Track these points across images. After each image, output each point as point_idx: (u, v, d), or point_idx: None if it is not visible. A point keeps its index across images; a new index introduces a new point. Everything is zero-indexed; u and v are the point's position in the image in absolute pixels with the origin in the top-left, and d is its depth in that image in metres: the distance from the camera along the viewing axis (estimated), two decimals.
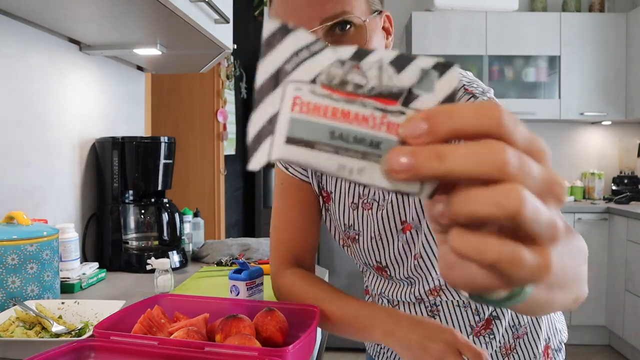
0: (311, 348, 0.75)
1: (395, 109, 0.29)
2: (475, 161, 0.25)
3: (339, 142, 0.29)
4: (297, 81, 0.30)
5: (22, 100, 1.25)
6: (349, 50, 0.30)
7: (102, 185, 1.49)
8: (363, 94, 0.30)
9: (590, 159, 3.95)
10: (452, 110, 0.27)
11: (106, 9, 1.15)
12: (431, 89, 0.29)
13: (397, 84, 0.30)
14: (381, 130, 0.29)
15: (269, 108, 0.29)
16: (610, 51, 3.60)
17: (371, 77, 0.30)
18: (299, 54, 0.30)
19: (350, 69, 0.30)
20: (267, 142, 0.29)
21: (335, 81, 0.30)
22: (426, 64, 0.29)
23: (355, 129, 0.29)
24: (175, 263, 1.44)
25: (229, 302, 0.86)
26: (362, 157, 0.29)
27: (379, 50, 0.30)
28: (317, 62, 0.30)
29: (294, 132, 0.29)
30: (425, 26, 3.58)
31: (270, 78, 0.30)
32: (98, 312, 0.91)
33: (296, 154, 0.29)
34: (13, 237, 0.96)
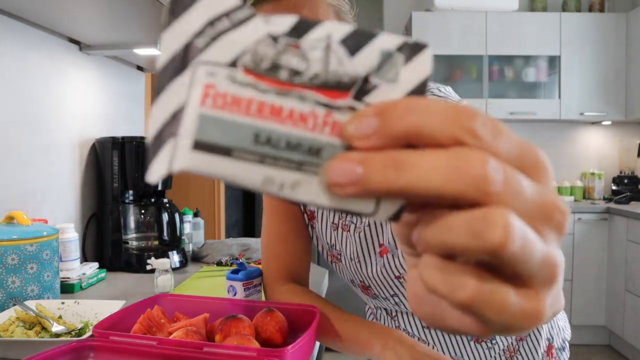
0: (311, 349, 0.75)
1: (344, 104, 0.22)
2: (445, 174, 0.19)
3: (266, 149, 0.22)
4: (210, 63, 0.22)
5: (22, 101, 1.25)
6: (286, 22, 0.22)
7: (102, 185, 1.49)
8: (302, 83, 0.22)
9: (590, 159, 3.95)
10: (414, 105, 0.21)
11: (106, 9, 1.15)
12: (394, 78, 0.22)
13: (349, 70, 0.22)
14: (324, 133, 0.22)
15: (173, 99, 0.22)
16: (610, 51, 3.60)
17: (314, 61, 0.22)
18: (215, 23, 0.22)
19: (286, 48, 0.22)
20: (169, 146, 0.21)
21: (264, 65, 0.22)
22: (389, 45, 0.22)
23: (289, 132, 0.22)
24: (175, 263, 1.44)
25: (228, 303, 0.86)
26: (296, 169, 0.22)
27: (327, 23, 0.22)
28: (240, 36, 0.22)
29: (203, 134, 0.21)
30: (425, 26, 3.58)
31: (176, 57, 0.22)
32: (98, 312, 0.91)
33: (206, 163, 0.21)
34: (13, 237, 0.96)
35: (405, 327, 0.93)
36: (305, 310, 0.80)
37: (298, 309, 0.81)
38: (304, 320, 0.78)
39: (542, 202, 0.21)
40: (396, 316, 0.94)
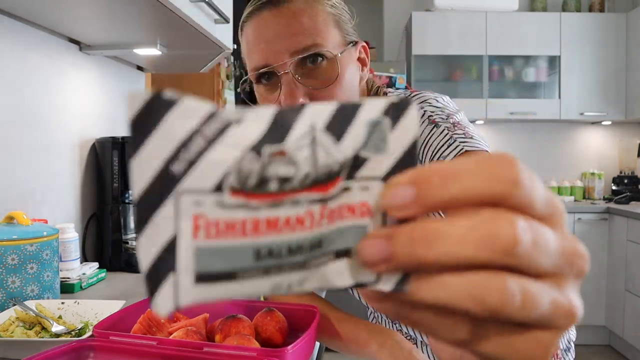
0: (311, 349, 0.75)
1: (338, 189, 0.22)
2: (476, 245, 0.19)
3: (269, 262, 0.21)
4: (193, 191, 0.20)
5: (22, 101, 1.25)
6: (263, 120, 0.20)
7: (102, 185, 1.49)
8: (293, 188, 0.21)
9: (590, 159, 3.95)
10: (451, 171, 0.20)
11: (106, 9, 1.15)
12: (383, 147, 0.22)
13: (339, 157, 0.21)
14: (322, 226, 0.22)
15: (162, 231, 0.20)
16: (610, 51, 3.60)
17: (302, 161, 0.21)
18: (188, 145, 0.19)
19: (271, 158, 0.21)
20: (170, 282, 0.20)
21: (250, 182, 0.20)
22: (374, 113, 0.22)
23: (289, 239, 0.21)
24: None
25: (228, 303, 0.86)
26: (300, 268, 0.21)
27: (307, 109, 0.21)
28: (219, 156, 0.20)
29: (204, 266, 0.20)
30: (425, 26, 3.58)
31: (152, 188, 0.19)
32: (98, 312, 0.91)
33: (213, 292, 0.21)
34: (13, 237, 0.96)
35: (407, 330, 0.92)
36: (305, 310, 0.80)
37: (298, 309, 0.81)
38: (304, 320, 0.78)
39: (564, 252, 0.21)
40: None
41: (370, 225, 0.22)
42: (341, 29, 0.77)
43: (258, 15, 0.76)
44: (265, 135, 0.21)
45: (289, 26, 0.73)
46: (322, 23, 0.74)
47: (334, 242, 0.22)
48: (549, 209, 0.21)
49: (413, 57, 3.60)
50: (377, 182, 0.22)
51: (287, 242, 0.21)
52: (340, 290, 0.22)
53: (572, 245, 0.22)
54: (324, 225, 0.22)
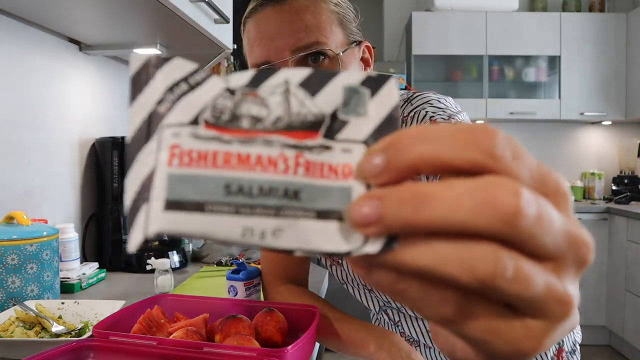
0: (310, 349, 0.75)
1: (315, 143, 0.22)
2: (473, 208, 0.18)
3: (239, 199, 0.21)
4: (174, 125, 0.22)
5: (22, 101, 1.25)
6: (244, 76, 0.23)
7: (102, 185, 1.49)
8: (265, 129, 0.22)
9: (590, 159, 3.95)
10: (422, 133, 0.20)
11: (106, 9, 1.15)
12: (363, 112, 0.23)
13: (313, 109, 0.23)
14: (297, 175, 0.22)
15: (144, 166, 0.22)
16: (610, 51, 3.60)
17: (274, 105, 0.22)
18: (174, 89, 0.22)
19: (244, 97, 0.22)
20: (143, 212, 0.21)
21: (224, 117, 0.22)
22: (352, 81, 0.23)
23: (260, 178, 0.21)
24: (175, 263, 1.44)
25: (228, 303, 0.86)
26: (275, 214, 0.21)
27: (284, 70, 0.23)
28: (198, 95, 0.22)
29: (174, 192, 0.21)
30: (425, 26, 3.58)
31: (142, 127, 0.22)
32: (98, 312, 0.91)
33: (181, 222, 0.21)
34: (13, 237, 0.96)
35: (410, 333, 0.92)
36: (305, 311, 0.80)
37: (298, 309, 0.81)
38: (303, 321, 0.78)
39: (568, 235, 0.20)
40: (399, 321, 0.93)
41: (355, 187, 0.22)
42: (345, 28, 0.77)
43: (261, 11, 0.75)
44: (242, 85, 0.23)
45: (291, 23, 0.73)
46: (325, 21, 0.74)
47: (315, 199, 0.22)
48: (542, 187, 0.20)
49: (413, 57, 3.60)
50: (359, 145, 0.23)
51: (259, 181, 0.21)
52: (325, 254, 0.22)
53: (577, 231, 0.20)
54: (300, 174, 0.22)
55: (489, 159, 0.19)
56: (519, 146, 0.20)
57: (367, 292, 0.95)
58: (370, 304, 0.98)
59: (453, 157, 0.19)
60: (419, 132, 0.20)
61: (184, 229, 0.21)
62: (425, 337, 0.90)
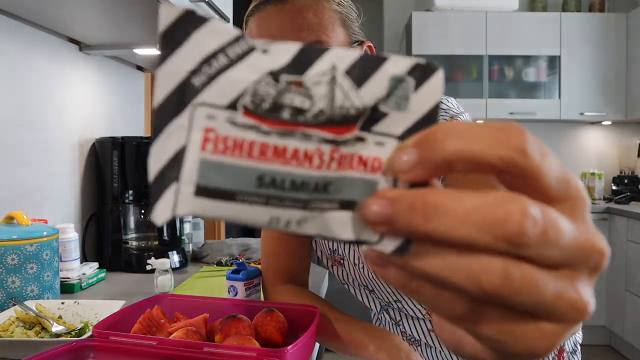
0: (310, 349, 0.75)
1: (351, 136, 0.22)
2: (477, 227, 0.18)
3: (271, 191, 0.21)
4: (209, 105, 0.21)
5: (22, 100, 1.25)
6: (287, 52, 0.21)
7: (102, 185, 1.49)
8: (305, 122, 0.21)
9: (590, 159, 3.95)
10: (456, 129, 0.20)
11: (106, 9, 1.15)
12: (404, 106, 0.22)
13: (356, 103, 0.21)
14: (330, 169, 0.21)
15: (172, 140, 0.21)
16: (610, 51, 3.60)
17: (318, 97, 0.21)
18: (211, 61, 0.21)
19: (288, 86, 0.21)
20: (172, 191, 0.21)
21: (264, 105, 0.21)
22: (399, 69, 0.21)
23: (294, 172, 0.21)
24: (175, 263, 1.44)
25: (228, 303, 0.86)
26: (303, 207, 0.21)
27: (331, 51, 0.21)
28: (238, 75, 0.21)
29: (206, 179, 0.21)
30: (425, 26, 3.58)
31: (172, 95, 0.21)
32: (98, 312, 0.91)
33: (210, 208, 0.21)
34: (13, 237, 0.96)
35: (411, 333, 0.92)
36: (306, 311, 0.80)
37: (298, 309, 0.81)
38: (303, 321, 0.78)
39: (578, 245, 0.20)
40: (400, 321, 0.93)
41: (382, 182, 0.22)
42: (347, 28, 0.77)
43: (263, 10, 0.75)
44: (286, 66, 0.21)
45: (293, 22, 0.72)
46: (327, 21, 0.74)
47: (341, 190, 0.22)
48: (564, 190, 0.20)
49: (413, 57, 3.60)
50: (392, 140, 0.22)
51: (292, 175, 0.21)
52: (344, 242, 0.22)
53: (588, 238, 0.20)
54: (332, 168, 0.21)
55: (520, 156, 0.19)
56: (546, 147, 0.20)
57: (368, 293, 0.95)
58: (371, 304, 0.98)
59: (486, 153, 0.19)
60: (452, 129, 0.20)
61: (211, 214, 0.21)
62: (426, 337, 0.90)
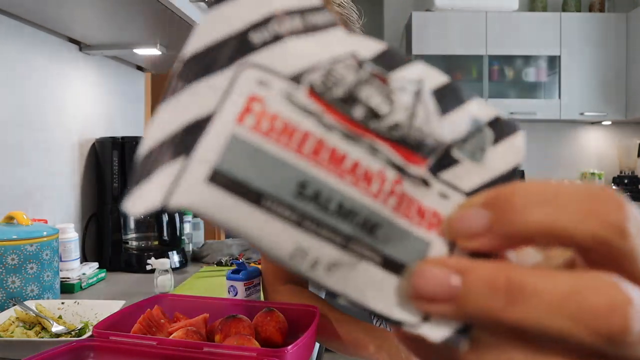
0: (311, 349, 0.75)
1: (418, 173, 0.17)
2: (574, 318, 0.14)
3: (310, 207, 0.16)
4: (265, 68, 0.16)
5: (22, 101, 1.25)
6: (372, 46, 0.17)
7: (102, 185, 1.49)
8: (377, 131, 0.16)
9: (590, 159, 3.95)
10: (541, 193, 0.15)
11: (106, 9, 1.15)
12: (479, 157, 0.18)
13: (436, 132, 0.17)
14: (387, 205, 0.17)
15: (195, 104, 0.15)
16: (610, 51, 3.59)
17: (399, 106, 0.17)
18: (283, 20, 0.16)
19: (371, 78, 0.16)
20: (172, 169, 0.15)
21: (337, 91, 0.16)
22: (481, 115, 0.18)
23: (345, 190, 0.16)
24: (175, 263, 1.44)
25: (228, 303, 0.86)
26: (342, 245, 0.16)
27: (419, 64, 0.17)
28: (313, 45, 0.16)
29: (229, 163, 0.15)
30: (425, 26, 3.58)
31: (216, 47, 0.15)
32: (98, 312, 0.91)
33: (221, 206, 0.15)
34: (13, 237, 0.96)
35: None
36: (306, 311, 0.80)
37: (298, 309, 0.81)
38: (303, 321, 0.78)
39: None
40: None
41: (436, 244, 0.17)
42: (348, 29, 0.77)
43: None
44: (373, 57, 0.17)
45: None
46: None
47: (389, 240, 0.17)
48: None
49: (413, 57, 3.60)
50: (459, 195, 0.18)
51: (342, 194, 0.16)
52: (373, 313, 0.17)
53: None
54: (389, 205, 0.17)
55: (617, 236, 0.15)
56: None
57: None
58: None
59: (577, 229, 0.15)
60: (534, 191, 0.16)
61: (221, 216, 0.15)
62: None
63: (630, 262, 0.16)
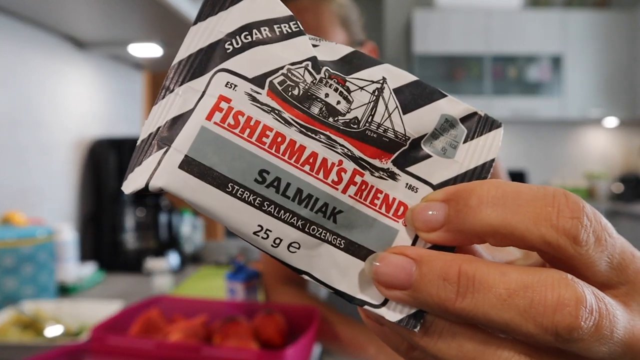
0: (310, 350, 0.74)
1: (382, 166, 0.19)
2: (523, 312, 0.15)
3: (270, 192, 0.18)
4: (232, 72, 0.18)
5: (18, 100, 1.24)
6: (338, 51, 0.19)
7: (100, 185, 1.48)
8: (335, 126, 0.18)
9: (594, 159, 3.94)
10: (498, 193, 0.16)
11: (104, 7, 1.14)
12: (450, 153, 0.19)
13: (397, 127, 0.19)
14: (346, 193, 0.18)
15: (179, 102, 0.18)
16: (615, 49, 3.58)
17: (358, 104, 0.18)
18: (252, 30, 0.19)
19: (328, 79, 0.18)
20: (156, 156, 0.18)
21: (295, 91, 0.18)
22: (454, 111, 0.19)
23: (304, 179, 0.18)
24: (174, 264, 1.43)
25: (227, 304, 0.85)
26: (301, 227, 0.18)
27: (386, 65, 0.19)
28: (276, 51, 0.18)
29: (199, 152, 0.18)
30: (426, 24, 3.57)
31: (197, 55, 0.19)
32: (95, 313, 0.90)
33: (193, 188, 0.18)
34: (9, 238, 0.95)
35: None
36: (305, 312, 0.79)
37: (298, 311, 0.80)
38: (303, 322, 0.77)
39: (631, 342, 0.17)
40: None
41: (402, 234, 0.19)
42: (348, 29, 0.76)
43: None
44: (333, 61, 0.19)
45: None
46: (327, 22, 0.73)
47: (353, 226, 0.18)
48: (618, 276, 0.17)
49: (414, 56, 3.60)
50: (427, 188, 0.19)
51: (300, 182, 0.18)
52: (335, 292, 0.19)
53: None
54: (349, 193, 0.18)
55: (569, 244, 0.16)
56: (603, 224, 0.16)
57: None
58: None
59: (529, 232, 0.16)
60: (491, 192, 0.16)
61: (192, 197, 0.18)
62: None
63: (584, 266, 0.16)
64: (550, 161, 3.92)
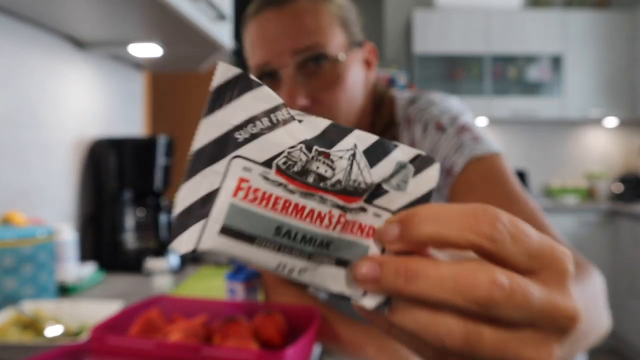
0: (310, 350, 0.74)
1: (356, 205, 0.26)
2: (451, 291, 0.22)
3: (284, 240, 0.25)
4: (247, 159, 0.25)
5: (18, 100, 1.24)
6: (319, 126, 0.25)
7: (100, 185, 1.48)
8: (325, 188, 0.25)
9: (594, 159, 3.94)
10: (431, 214, 0.23)
11: (104, 7, 1.14)
12: (403, 187, 0.26)
13: (367, 179, 0.26)
14: (334, 230, 0.26)
15: (206, 183, 0.24)
16: (615, 49, 3.58)
17: (339, 170, 0.25)
18: (256, 122, 0.25)
19: (318, 156, 0.25)
20: (199, 226, 0.24)
21: (295, 169, 0.25)
22: (404, 157, 0.26)
23: (307, 228, 0.25)
24: (174, 264, 1.43)
25: (227, 304, 0.85)
26: (307, 259, 0.25)
27: (355, 132, 0.26)
28: (277, 139, 0.25)
29: (232, 221, 0.24)
30: (426, 24, 3.57)
31: (214, 144, 0.24)
32: (95, 313, 0.90)
33: (230, 247, 0.25)
34: (9, 238, 0.95)
35: None
36: (305, 312, 0.79)
37: (298, 311, 0.80)
38: (303, 322, 0.77)
39: (544, 309, 0.23)
40: None
41: (373, 247, 0.26)
42: (347, 30, 0.76)
43: (261, 14, 0.75)
44: (317, 138, 0.25)
45: (291, 26, 0.72)
46: (326, 23, 0.73)
47: (340, 249, 0.26)
48: (537, 264, 0.23)
49: (414, 56, 3.60)
50: (388, 214, 0.26)
51: (305, 231, 0.25)
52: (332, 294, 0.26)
53: (557, 304, 0.23)
54: (337, 230, 0.25)
55: (488, 243, 0.23)
56: (519, 227, 0.23)
57: None
58: None
59: (458, 239, 0.23)
60: (429, 213, 0.23)
61: (230, 252, 0.25)
62: None
63: (505, 258, 0.23)
64: (550, 161, 3.92)
